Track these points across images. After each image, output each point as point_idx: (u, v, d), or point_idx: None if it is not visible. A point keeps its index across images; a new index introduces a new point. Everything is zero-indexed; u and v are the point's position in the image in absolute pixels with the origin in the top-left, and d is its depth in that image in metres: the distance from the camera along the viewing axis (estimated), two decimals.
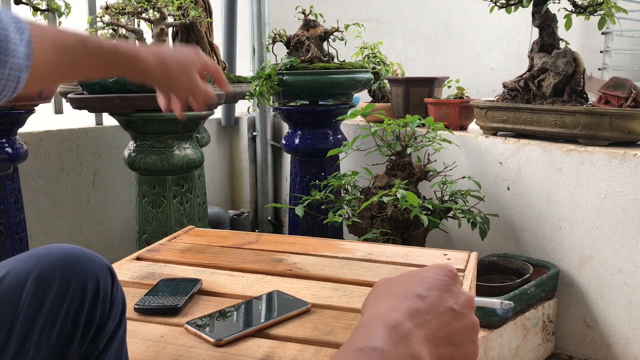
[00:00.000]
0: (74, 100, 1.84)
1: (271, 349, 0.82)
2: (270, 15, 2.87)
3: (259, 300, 0.97)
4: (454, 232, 2.16)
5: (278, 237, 1.40)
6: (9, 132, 1.92)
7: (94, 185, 2.50)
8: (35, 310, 0.58)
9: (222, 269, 1.14)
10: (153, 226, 1.93)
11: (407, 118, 1.90)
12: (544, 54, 1.95)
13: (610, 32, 4.66)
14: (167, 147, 1.89)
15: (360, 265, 1.16)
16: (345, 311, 0.95)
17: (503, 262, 1.93)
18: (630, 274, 1.73)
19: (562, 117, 1.83)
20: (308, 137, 2.29)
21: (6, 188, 1.90)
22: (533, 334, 1.81)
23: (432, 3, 4.00)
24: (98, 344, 0.63)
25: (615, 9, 1.84)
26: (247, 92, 2.26)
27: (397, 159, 1.92)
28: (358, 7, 3.56)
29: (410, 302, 0.48)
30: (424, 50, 4.00)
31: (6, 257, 1.90)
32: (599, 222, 1.78)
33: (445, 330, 0.47)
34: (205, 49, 2.37)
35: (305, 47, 2.27)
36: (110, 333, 0.64)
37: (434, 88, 2.33)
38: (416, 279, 0.51)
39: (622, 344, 1.78)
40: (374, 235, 1.76)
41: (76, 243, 2.37)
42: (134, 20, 2.03)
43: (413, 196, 1.68)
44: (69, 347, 0.60)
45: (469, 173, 2.04)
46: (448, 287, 0.50)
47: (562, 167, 1.85)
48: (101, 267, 0.64)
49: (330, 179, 2.00)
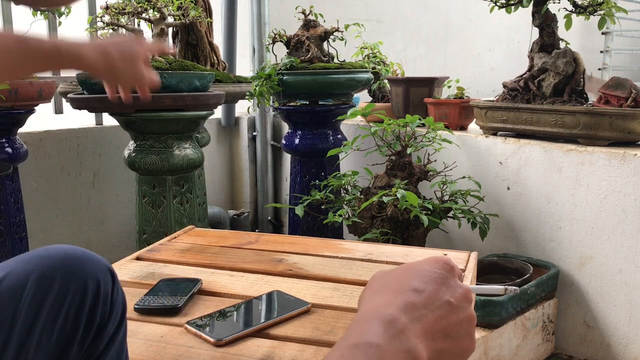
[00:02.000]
0: (74, 100, 1.84)
1: (271, 349, 0.82)
2: (270, 15, 2.87)
3: (259, 300, 0.97)
4: (454, 232, 2.16)
5: (278, 237, 1.40)
6: (9, 132, 1.92)
7: (94, 185, 2.50)
8: (35, 312, 0.58)
9: (222, 269, 1.14)
10: (153, 226, 1.93)
11: (407, 118, 1.90)
12: (544, 54, 1.95)
13: (610, 32, 4.67)
14: (167, 147, 1.89)
15: (360, 265, 1.16)
16: (345, 311, 0.95)
17: (503, 262, 1.93)
18: (630, 274, 1.73)
19: (562, 117, 1.83)
20: (308, 137, 2.29)
21: (6, 188, 1.90)
22: (533, 334, 1.81)
23: (432, 3, 4.00)
24: (98, 345, 0.63)
25: (615, 9, 1.84)
26: (247, 92, 2.26)
27: (397, 159, 1.92)
28: (358, 7, 3.56)
29: (406, 296, 0.47)
30: (424, 50, 4.00)
31: (6, 257, 1.90)
32: (599, 222, 1.78)
33: (442, 323, 0.47)
34: (205, 49, 2.37)
35: (305, 47, 2.27)
36: (111, 334, 0.64)
37: (434, 88, 2.33)
38: (412, 273, 0.50)
39: (622, 344, 1.78)
40: (374, 235, 1.76)
41: (76, 243, 2.38)
42: (134, 20, 2.03)
43: (413, 196, 1.68)
44: (69, 348, 0.60)
45: (469, 173, 2.04)
46: (444, 280, 0.49)
47: (562, 167, 1.85)
48: (101, 268, 0.64)
49: (330, 179, 2.00)
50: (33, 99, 1.88)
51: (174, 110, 1.83)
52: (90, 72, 0.86)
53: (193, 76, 1.86)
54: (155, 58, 1.90)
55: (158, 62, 1.88)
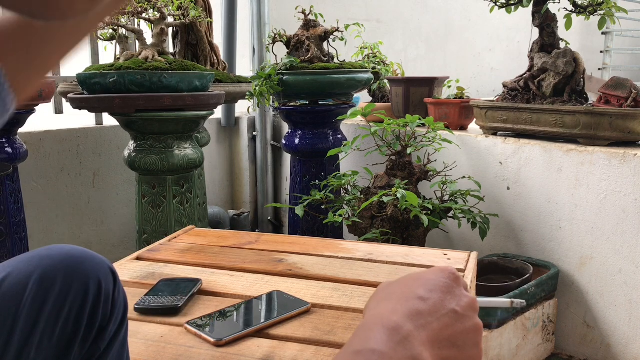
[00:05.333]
0: (74, 100, 1.84)
1: (271, 349, 0.82)
2: (270, 15, 2.87)
3: (259, 300, 0.97)
4: (454, 232, 2.16)
5: (278, 237, 1.40)
6: (9, 132, 1.92)
7: (94, 185, 2.50)
8: (37, 312, 0.58)
9: (222, 269, 1.14)
10: (153, 226, 1.93)
11: (407, 118, 1.90)
12: (544, 54, 1.95)
13: (610, 32, 4.67)
14: (167, 147, 1.89)
15: (360, 265, 1.16)
16: (345, 311, 0.95)
17: (503, 262, 1.93)
18: (630, 274, 1.73)
19: (562, 117, 1.83)
20: (308, 137, 2.29)
21: (6, 188, 1.90)
22: (533, 334, 1.81)
23: (432, 3, 4.00)
24: (100, 345, 0.63)
25: (615, 9, 1.84)
26: (247, 92, 2.26)
27: (397, 159, 1.92)
28: (358, 7, 3.56)
29: (411, 303, 0.47)
30: (424, 50, 4.00)
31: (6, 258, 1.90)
32: (599, 222, 1.78)
33: (448, 332, 0.46)
34: (205, 49, 2.37)
35: (305, 47, 2.27)
36: (112, 334, 0.64)
37: (434, 88, 2.33)
38: (417, 282, 0.50)
39: (622, 344, 1.78)
40: (374, 235, 1.76)
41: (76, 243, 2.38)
42: (134, 20, 2.03)
43: (413, 196, 1.69)
44: (70, 349, 0.60)
45: (469, 173, 2.04)
46: (450, 290, 0.49)
47: (562, 167, 1.85)
48: (103, 268, 0.64)
49: (330, 179, 2.00)
50: (33, 99, 1.88)
51: (174, 110, 1.83)
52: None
53: (193, 76, 1.86)
54: (156, 58, 1.90)
55: (158, 62, 1.88)
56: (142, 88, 1.78)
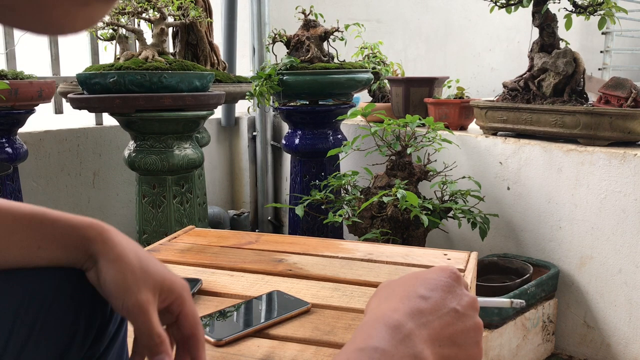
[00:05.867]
0: (74, 100, 1.84)
1: (271, 349, 0.82)
2: (270, 15, 2.87)
3: (259, 300, 0.97)
4: (454, 232, 2.16)
5: (278, 237, 1.40)
6: (9, 132, 1.92)
7: (94, 185, 2.50)
8: (35, 311, 0.58)
9: (222, 269, 1.14)
10: (153, 226, 1.93)
11: (407, 118, 1.90)
12: (544, 54, 1.95)
13: (610, 32, 4.67)
14: (167, 147, 1.89)
15: (360, 265, 1.16)
16: (345, 311, 0.95)
17: (503, 262, 1.93)
18: (630, 274, 1.73)
19: (562, 117, 1.83)
20: (308, 137, 2.29)
21: (6, 188, 1.90)
22: (533, 334, 1.81)
23: (432, 3, 4.00)
24: (99, 347, 0.63)
25: (615, 9, 1.84)
26: (247, 92, 2.26)
27: (397, 159, 1.92)
28: (358, 7, 3.56)
29: (413, 302, 0.47)
30: (424, 50, 4.00)
31: None
32: (599, 222, 1.78)
33: (449, 330, 0.47)
34: (205, 49, 2.37)
35: (305, 47, 2.27)
36: (112, 335, 0.64)
37: (434, 88, 2.33)
38: (418, 281, 0.51)
39: (622, 344, 1.78)
40: (374, 235, 1.76)
41: None
42: (134, 20, 2.03)
43: (413, 196, 1.68)
44: (69, 350, 0.60)
45: (469, 173, 2.04)
46: (451, 289, 0.50)
47: (562, 167, 1.85)
48: None
49: (330, 179, 2.00)
50: (33, 99, 1.88)
51: (174, 110, 1.83)
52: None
53: (193, 76, 1.86)
54: (156, 58, 1.90)
55: (158, 62, 1.88)
56: (142, 88, 1.78)
